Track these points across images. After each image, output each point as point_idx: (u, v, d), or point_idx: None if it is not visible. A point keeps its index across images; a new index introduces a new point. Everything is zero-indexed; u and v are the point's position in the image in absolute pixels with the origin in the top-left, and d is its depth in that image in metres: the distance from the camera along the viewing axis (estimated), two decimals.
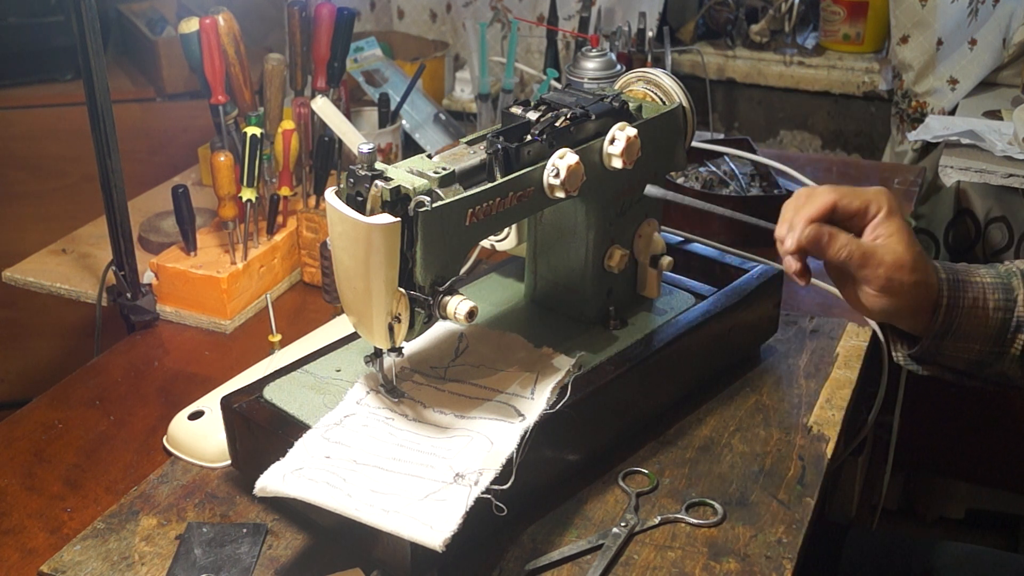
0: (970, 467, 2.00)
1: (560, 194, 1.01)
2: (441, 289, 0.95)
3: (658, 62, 2.05)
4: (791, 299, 1.39)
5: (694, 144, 1.53)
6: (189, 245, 1.41)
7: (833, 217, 0.95)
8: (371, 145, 0.92)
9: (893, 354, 1.05)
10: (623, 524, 1.01)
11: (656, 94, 1.15)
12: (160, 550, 1.00)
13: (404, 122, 1.77)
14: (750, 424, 1.16)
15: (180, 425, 1.14)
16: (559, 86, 1.60)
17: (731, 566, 0.97)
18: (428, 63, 1.95)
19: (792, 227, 0.95)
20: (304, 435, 0.97)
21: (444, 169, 0.95)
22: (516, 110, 1.06)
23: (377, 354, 1.00)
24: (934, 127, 1.87)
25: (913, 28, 2.08)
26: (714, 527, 1.01)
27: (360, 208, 0.91)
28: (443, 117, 1.87)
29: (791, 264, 0.96)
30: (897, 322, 1.00)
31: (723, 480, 1.07)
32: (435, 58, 2.15)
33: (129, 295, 1.38)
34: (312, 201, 1.50)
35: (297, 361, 1.10)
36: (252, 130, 1.39)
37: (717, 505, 1.03)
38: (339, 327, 1.25)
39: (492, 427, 0.98)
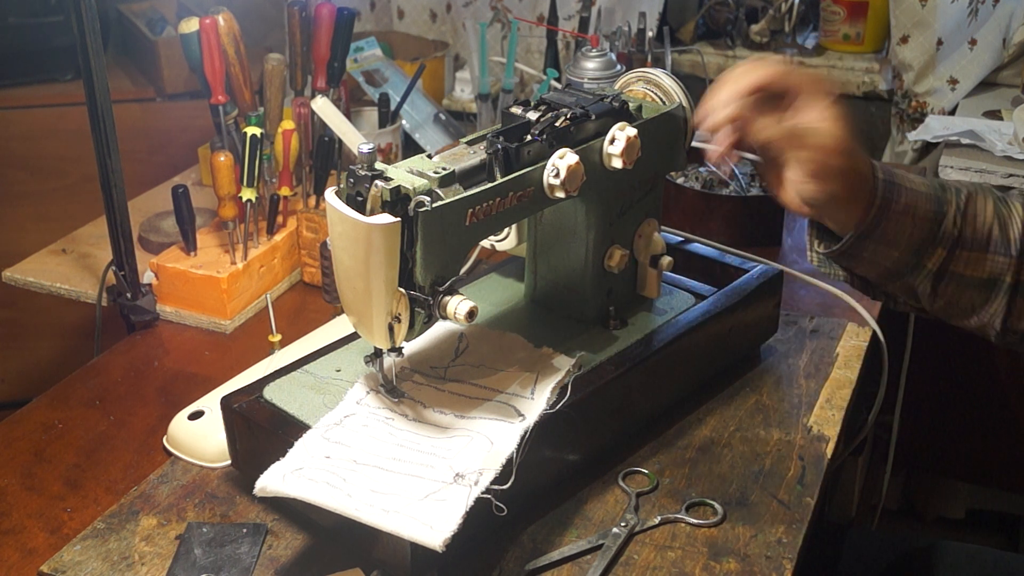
0: (970, 467, 1.99)
1: (560, 194, 1.01)
2: (441, 289, 0.95)
3: (658, 62, 2.05)
4: (791, 299, 1.39)
5: (694, 144, 1.53)
6: (189, 245, 1.41)
7: (765, 94, 0.92)
8: (371, 145, 0.91)
9: (808, 253, 1.04)
10: (623, 524, 1.01)
11: (656, 94, 1.15)
12: (160, 550, 1.00)
13: (404, 122, 1.77)
14: (750, 424, 1.16)
15: (180, 425, 1.14)
16: (559, 86, 1.60)
17: (731, 566, 0.97)
18: (428, 63, 1.95)
19: (716, 104, 0.93)
20: (304, 435, 0.97)
21: (444, 169, 0.95)
22: (516, 110, 1.06)
23: (377, 354, 1.00)
24: (934, 127, 1.87)
25: (913, 28, 2.08)
26: (714, 527, 1.01)
27: (360, 208, 0.91)
28: (443, 117, 1.87)
29: (706, 138, 0.95)
30: (827, 214, 0.97)
31: (723, 480, 1.07)
32: (435, 58, 2.15)
33: (129, 295, 1.38)
34: (312, 201, 1.50)
35: (297, 361, 1.10)
36: (252, 130, 1.39)
37: (717, 505, 1.03)
38: (339, 327, 1.25)
39: (492, 427, 0.98)
